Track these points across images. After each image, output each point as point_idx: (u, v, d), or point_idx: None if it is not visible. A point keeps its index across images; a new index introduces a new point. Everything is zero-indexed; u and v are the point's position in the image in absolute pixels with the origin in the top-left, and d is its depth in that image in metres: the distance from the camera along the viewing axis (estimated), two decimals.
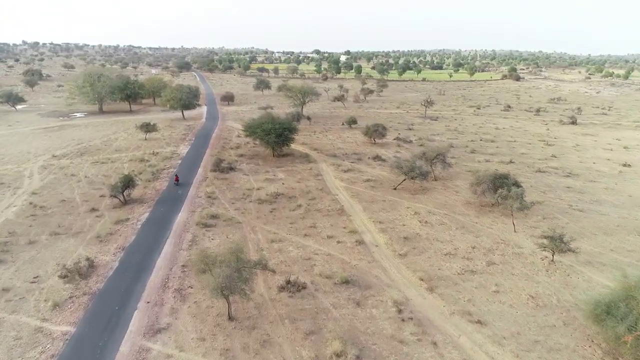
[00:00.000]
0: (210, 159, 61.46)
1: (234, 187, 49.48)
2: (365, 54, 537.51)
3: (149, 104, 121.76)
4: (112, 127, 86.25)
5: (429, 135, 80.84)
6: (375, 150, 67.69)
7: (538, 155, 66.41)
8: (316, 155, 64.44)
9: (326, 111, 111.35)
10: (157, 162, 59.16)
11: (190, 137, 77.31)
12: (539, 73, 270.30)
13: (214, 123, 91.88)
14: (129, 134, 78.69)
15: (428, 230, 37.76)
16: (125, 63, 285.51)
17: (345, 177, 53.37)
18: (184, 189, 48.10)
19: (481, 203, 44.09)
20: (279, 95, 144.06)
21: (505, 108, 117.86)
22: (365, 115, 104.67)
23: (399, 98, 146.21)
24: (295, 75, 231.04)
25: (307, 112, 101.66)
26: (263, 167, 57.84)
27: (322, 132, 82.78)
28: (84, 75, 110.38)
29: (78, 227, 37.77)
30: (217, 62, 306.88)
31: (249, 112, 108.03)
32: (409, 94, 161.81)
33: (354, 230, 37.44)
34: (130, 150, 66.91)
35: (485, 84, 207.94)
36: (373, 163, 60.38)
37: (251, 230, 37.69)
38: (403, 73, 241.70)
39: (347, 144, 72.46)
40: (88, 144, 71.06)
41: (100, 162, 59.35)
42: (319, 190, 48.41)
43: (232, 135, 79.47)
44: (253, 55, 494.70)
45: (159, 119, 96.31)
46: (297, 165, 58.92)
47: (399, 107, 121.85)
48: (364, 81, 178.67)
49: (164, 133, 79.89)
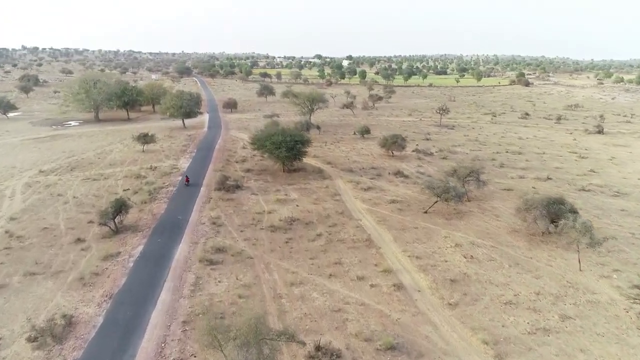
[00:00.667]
0: (214, 174, 55.43)
1: (242, 209, 43.40)
2: (367, 59, 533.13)
3: (148, 112, 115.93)
4: (108, 138, 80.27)
5: (449, 146, 74.81)
6: (394, 164, 61.67)
7: (574, 170, 60.35)
8: (330, 170, 58.40)
9: (335, 119, 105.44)
10: (154, 179, 53.10)
11: (191, 148, 71.32)
12: (548, 78, 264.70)
13: (216, 132, 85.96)
14: (125, 146, 72.71)
15: (476, 268, 31.63)
16: (125, 68, 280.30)
17: (367, 197, 47.28)
18: (185, 213, 42.02)
19: (530, 231, 37.99)
20: (284, 101, 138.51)
21: (523, 116, 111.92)
22: (376, 123, 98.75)
23: (408, 104, 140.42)
24: (299, 81, 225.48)
25: (316, 120, 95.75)
26: (273, 185, 51.80)
27: (334, 143, 76.78)
28: (79, 81, 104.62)
29: (59, 265, 31.66)
30: (219, 67, 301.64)
31: (253, 120, 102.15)
32: (418, 100, 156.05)
33: (388, 269, 31.30)
34: (125, 164, 60.89)
35: (495, 90, 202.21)
36: (395, 180, 54.31)
37: (265, 268, 31.59)
38: (409, 78, 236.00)
39: (362, 157, 66.44)
40: (80, 157, 65.07)
41: (92, 179, 53.30)
42: (339, 215, 42.31)
43: (237, 146, 73.50)
44: (254, 60, 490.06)
45: (158, 127, 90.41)
46: (310, 182, 52.87)
47: (410, 115, 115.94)
48: (371, 87, 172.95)
49: (163, 144, 73.93)
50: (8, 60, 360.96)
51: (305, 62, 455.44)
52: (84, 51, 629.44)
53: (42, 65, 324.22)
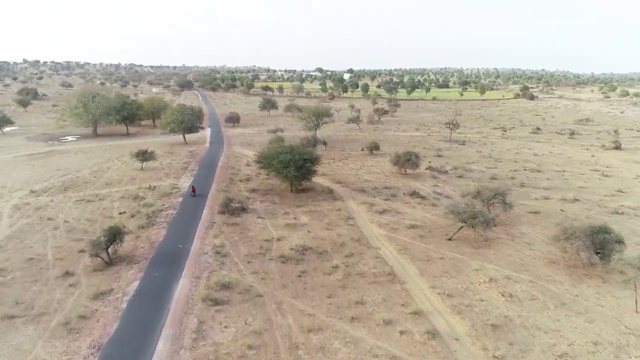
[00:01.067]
0: (217, 195, 51.80)
1: (248, 236, 39.66)
2: (368, 72, 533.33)
3: (148, 126, 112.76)
4: (105, 154, 76.79)
5: (463, 163, 71.30)
6: (409, 184, 58.07)
7: (601, 189, 56.69)
8: (341, 190, 54.76)
9: (341, 134, 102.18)
10: (153, 201, 49.43)
11: (193, 166, 67.76)
12: (552, 92, 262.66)
13: (219, 148, 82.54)
14: (123, 163, 69.18)
15: (518, 309, 27.78)
16: (126, 81, 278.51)
17: (383, 222, 43.55)
18: (186, 241, 38.27)
19: (569, 263, 34.19)
20: (287, 115, 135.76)
21: (534, 130, 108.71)
22: (384, 138, 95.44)
23: (414, 119, 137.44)
24: (301, 94, 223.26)
25: (322, 136, 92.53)
26: (281, 207, 48.11)
27: (342, 160, 73.28)
28: (78, 94, 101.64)
29: (42, 305, 27.84)
30: (220, 81, 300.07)
31: (257, 135, 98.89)
32: (423, 114, 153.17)
33: (418, 311, 27.44)
34: (123, 183, 57.27)
35: (499, 103, 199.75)
36: (411, 201, 50.63)
37: (277, 308, 27.75)
38: (412, 92, 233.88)
39: (373, 175, 62.86)
40: (75, 175, 61.49)
41: (86, 200, 49.60)
42: (355, 242, 38.54)
43: (241, 163, 69.97)
44: (256, 73, 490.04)
45: (158, 143, 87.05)
46: (321, 204, 49.19)
47: (418, 129, 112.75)
48: (375, 101, 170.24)
49: (163, 161, 70.42)
50: (8, 74, 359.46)
51: (307, 75, 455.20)
52: (85, 64, 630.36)
53: (42, 78, 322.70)
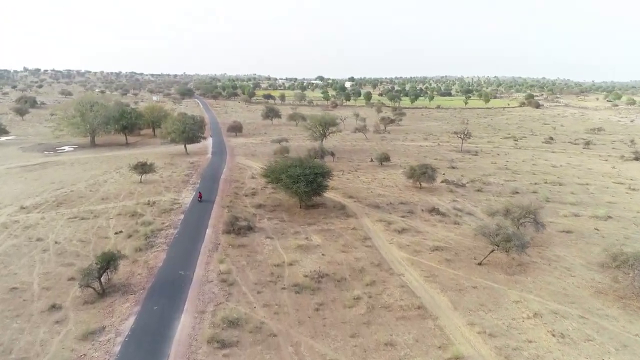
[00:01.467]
0: (221, 212, 48.13)
1: (257, 260, 35.92)
2: (369, 81, 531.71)
3: (148, 135, 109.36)
4: (103, 166, 73.20)
5: (480, 176, 67.70)
6: (425, 199, 54.41)
7: (632, 205, 53.00)
8: (354, 206, 51.08)
9: (348, 144, 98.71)
10: (152, 218, 45.76)
11: (194, 178, 64.14)
12: (557, 100, 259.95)
13: (221, 159, 78.98)
14: (121, 175, 65.58)
15: (574, 354, 23.97)
16: (126, 90, 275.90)
17: (404, 243, 39.83)
18: (188, 266, 34.53)
19: (619, 293, 30.44)
20: (290, 124, 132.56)
21: (547, 140, 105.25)
22: (392, 149, 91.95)
23: (421, 128, 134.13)
24: (303, 103, 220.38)
25: (328, 146, 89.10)
26: (290, 225, 44.41)
27: (352, 172, 69.67)
28: (75, 103, 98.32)
29: (22, 349, 24.05)
30: (221, 89, 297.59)
31: (260, 145, 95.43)
32: (429, 123, 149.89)
33: (459, 356, 23.64)
34: (120, 198, 53.61)
35: (505, 112, 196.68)
36: (431, 219, 46.92)
37: (294, 352, 23.97)
38: (415, 100, 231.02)
39: (387, 189, 59.21)
40: (70, 189, 57.84)
41: (80, 218, 45.90)
42: (375, 267, 34.80)
43: (245, 175, 66.37)
44: (256, 81, 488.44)
45: (158, 153, 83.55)
46: (333, 222, 45.49)
47: (426, 139, 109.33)
48: (380, 109, 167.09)
49: (164, 173, 66.82)
50: (8, 82, 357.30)
51: (308, 83, 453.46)
52: (85, 72, 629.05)
53: (42, 86, 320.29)
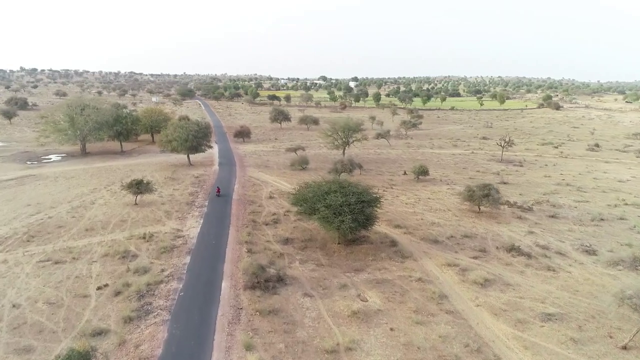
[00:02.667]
0: (238, 250, 37.18)
1: (298, 340, 24.95)
2: (373, 81, 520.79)
3: (146, 141, 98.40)
4: (92, 181, 62.18)
5: (541, 195, 56.72)
6: (491, 228, 43.42)
7: None
8: (405, 240, 40.11)
9: (371, 152, 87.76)
10: (149, 261, 34.81)
11: (201, 199, 53.13)
12: (575, 101, 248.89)
13: (231, 172, 67.97)
14: (112, 194, 54.60)
15: None
16: (124, 90, 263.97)
17: (496, 305, 28.81)
18: (200, 355, 23.54)
19: None
20: (301, 128, 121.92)
21: (592, 147, 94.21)
22: (423, 158, 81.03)
23: (443, 132, 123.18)
24: (310, 104, 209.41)
25: (349, 154, 78.23)
26: (331, 272, 33.47)
27: (387, 189, 58.69)
28: (64, 106, 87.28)
29: None
30: (223, 90, 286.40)
31: (272, 153, 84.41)
32: (450, 126, 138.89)
33: None
34: (109, 228, 42.63)
35: (525, 114, 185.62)
36: (512, 261, 35.90)
37: None
38: (427, 101, 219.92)
39: (438, 214, 48.21)
40: (48, 214, 46.85)
41: (54, 262, 34.92)
42: (475, 357, 23.79)
43: (261, 194, 55.39)
44: (259, 82, 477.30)
45: (157, 164, 72.52)
46: (387, 266, 34.56)
47: (456, 145, 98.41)
48: (395, 111, 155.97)
49: (164, 191, 55.85)
50: (3, 82, 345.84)
51: (311, 83, 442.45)
52: (83, 72, 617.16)
53: (37, 86, 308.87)
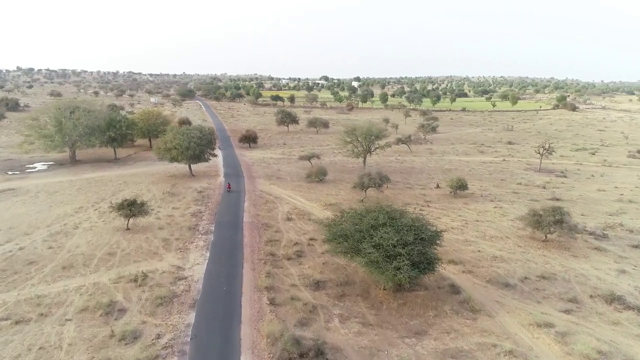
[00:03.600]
0: (257, 300, 28.60)
1: None
2: (376, 81, 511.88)
3: (143, 147, 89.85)
4: (79, 197, 53.59)
5: (605, 215, 48.20)
6: (569, 264, 34.88)
7: None
8: (467, 283, 31.56)
9: (391, 159, 79.22)
10: (140, 319, 26.25)
11: (205, 222, 44.50)
12: (589, 102, 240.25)
13: (239, 185, 59.38)
14: (100, 214, 46.01)
15: None
16: (122, 90, 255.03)
17: None
18: None
19: None
20: (309, 132, 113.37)
21: (633, 154, 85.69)
22: (451, 166, 72.56)
23: (463, 136, 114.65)
24: (315, 105, 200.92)
25: (368, 162, 69.76)
26: (384, 338, 24.97)
27: (422, 206, 50.08)
28: (52, 109, 78.62)
29: None
30: (224, 90, 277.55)
31: (283, 161, 75.78)
32: (467, 129, 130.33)
33: None
34: (92, 265, 34.05)
35: (542, 115, 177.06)
36: (620, 318, 27.37)
37: None
38: (437, 102, 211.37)
39: (497, 243, 39.63)
40: (20, 243, 38.27)
41: (14, 321, 26.30)
42: None
43: (277, 214, 46.83)
44: (259, 81, 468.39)
45: (155, 175, 63.91)
46: (454, 326, 26.07)
47: (482, 151, 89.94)
48: (407, 113, 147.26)
49: (161, 211, 47.28)
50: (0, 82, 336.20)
51: (313, 83, 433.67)
52: (81, 72, 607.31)
53: (32, 86, 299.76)
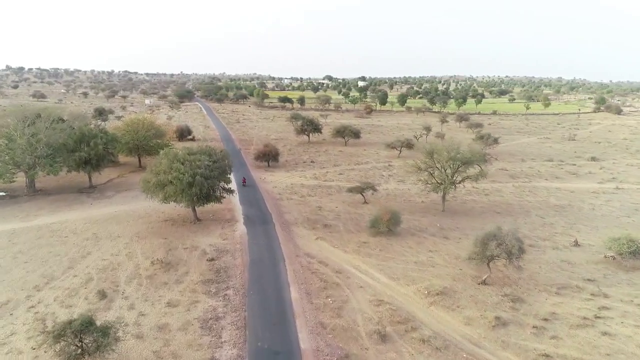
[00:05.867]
0: None
1: None
2: (382, 80, 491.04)
3: (131, 166, 68.80)
4: (10, 274, 32.38)
5: None
6: None
7: None
8: None
9: (469, 188, 58.04)
10: None
11: (228, 349, 23.42)
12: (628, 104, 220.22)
13: (269, 240, 38.19)
14: (29, 337, 24.89)
15: None
16: (114, 91, 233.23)
17: None
18: None
19: None
20: (337, 143, 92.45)
21: None
22: (558, 201, 51.82)
23: (526, 149, 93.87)
24: (328, 107, 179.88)
25: (434, 196, 48.91)
26: None
27: (587, 300, 29.12)
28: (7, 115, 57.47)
29: None
30: (225, 90, 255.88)
31: (321, 191, 54.45)
32: (522, 138, 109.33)
33: None
34: None
35: (587, 120, 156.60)
36: None
37: None
38: (462, 104, 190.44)
39: None
40: None
41: None
42: None
43: (353, 321, 25.93)
44: (261, 81, 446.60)
45: (142, 219, 42.61)
46: None
47: (573, 173, 69.10)
48: (444, 118, 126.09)
49: (144, 323, 26.24)
50: None
51: (318, 83, 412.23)
52: (75, 72, 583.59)
53: (17, 87, 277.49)
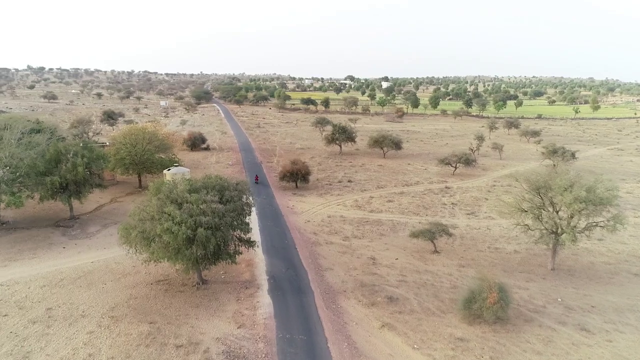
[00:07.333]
0: None
1: None
2: (405, 81, 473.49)
3: (130, 186, 55.75)
4: None
5: None
6: None
7: None
8: None
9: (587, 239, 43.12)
10: None
11: None
12: None
13: (307, 344, 24.13)
14: None
15: None
16: (129, 92, 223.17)
17: None
18: None
19: None
20: (373, 154, 78.26)
21: None
22: None
23: (603, 164, 77.97)
24: (355, 110, 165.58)
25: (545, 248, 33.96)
26: None
27: None
28: None
29: None
30: (245, 91, 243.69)
31: (371, 229, 40.03)
32: (589, 150, 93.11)
33: None
34: None
35: None
36: None
37: None
38: (502, 106, 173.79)
39: None
40: None
41: None
42: None
43: None
44: (282, 82, 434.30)
45: (126, 279, 28.62)
46: None
47: None
48: (494, 125, 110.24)
49: None
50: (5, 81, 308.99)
51: (340, 84, 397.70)
52: (95, 72, 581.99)
53: (34, 87, 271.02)
